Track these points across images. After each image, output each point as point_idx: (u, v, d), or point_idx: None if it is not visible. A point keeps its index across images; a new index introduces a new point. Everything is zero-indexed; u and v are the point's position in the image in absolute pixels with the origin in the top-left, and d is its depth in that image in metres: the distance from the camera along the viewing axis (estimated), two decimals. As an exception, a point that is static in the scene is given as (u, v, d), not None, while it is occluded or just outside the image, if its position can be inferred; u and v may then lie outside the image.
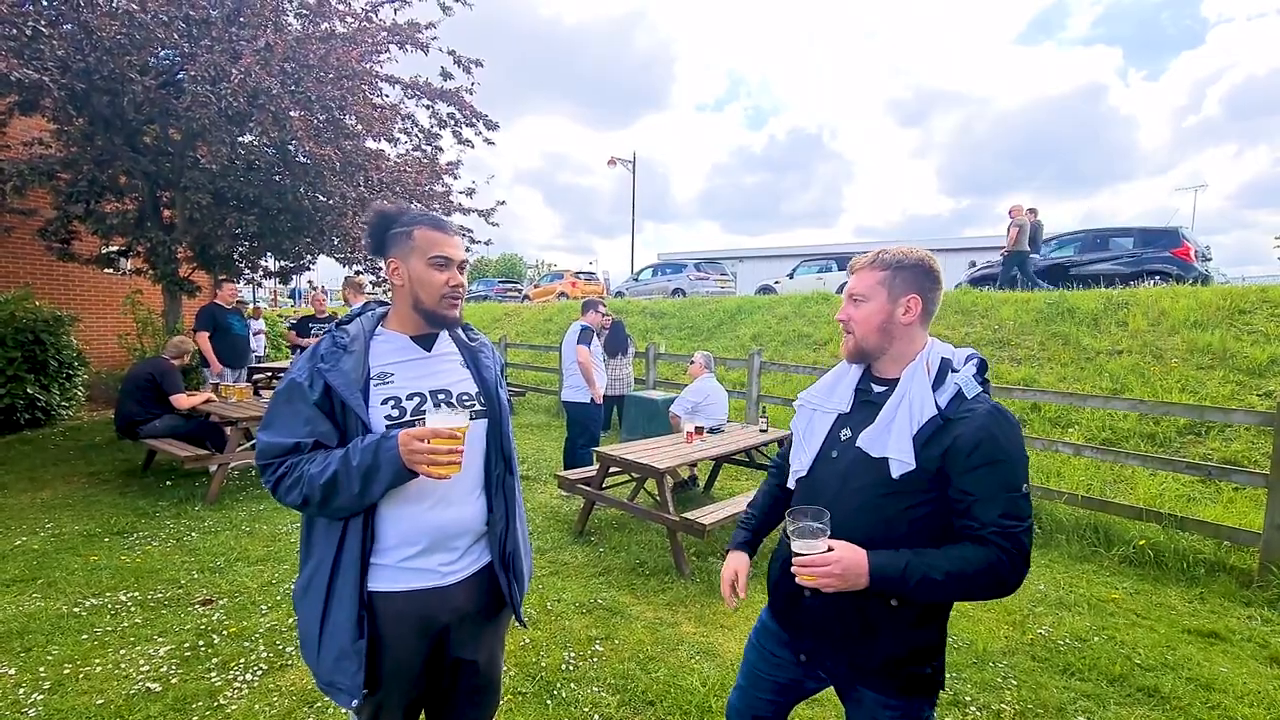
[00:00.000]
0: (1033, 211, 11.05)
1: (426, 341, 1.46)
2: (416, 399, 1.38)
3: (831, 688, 1.44)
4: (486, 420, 1.47)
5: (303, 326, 7.15)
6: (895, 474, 1.24)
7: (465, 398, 1.45)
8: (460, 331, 1.54)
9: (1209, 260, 10.16)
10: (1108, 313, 7.54)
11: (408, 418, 1.35)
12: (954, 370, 1.28)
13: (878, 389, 1.35)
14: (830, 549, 1.21)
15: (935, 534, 1.24)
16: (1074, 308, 7.80)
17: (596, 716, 2.40)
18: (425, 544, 1.36)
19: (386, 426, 1.33)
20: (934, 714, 1.36)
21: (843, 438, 1.35)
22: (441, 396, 1.42)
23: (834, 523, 1.24)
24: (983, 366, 1.30)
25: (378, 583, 1.34)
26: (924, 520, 1.24)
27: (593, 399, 5.30)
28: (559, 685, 2.59)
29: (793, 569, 1.24)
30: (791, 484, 1.46)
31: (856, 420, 1.34)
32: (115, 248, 8.02)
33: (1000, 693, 2.62)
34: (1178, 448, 5.35)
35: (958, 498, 1.21)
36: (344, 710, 1.36)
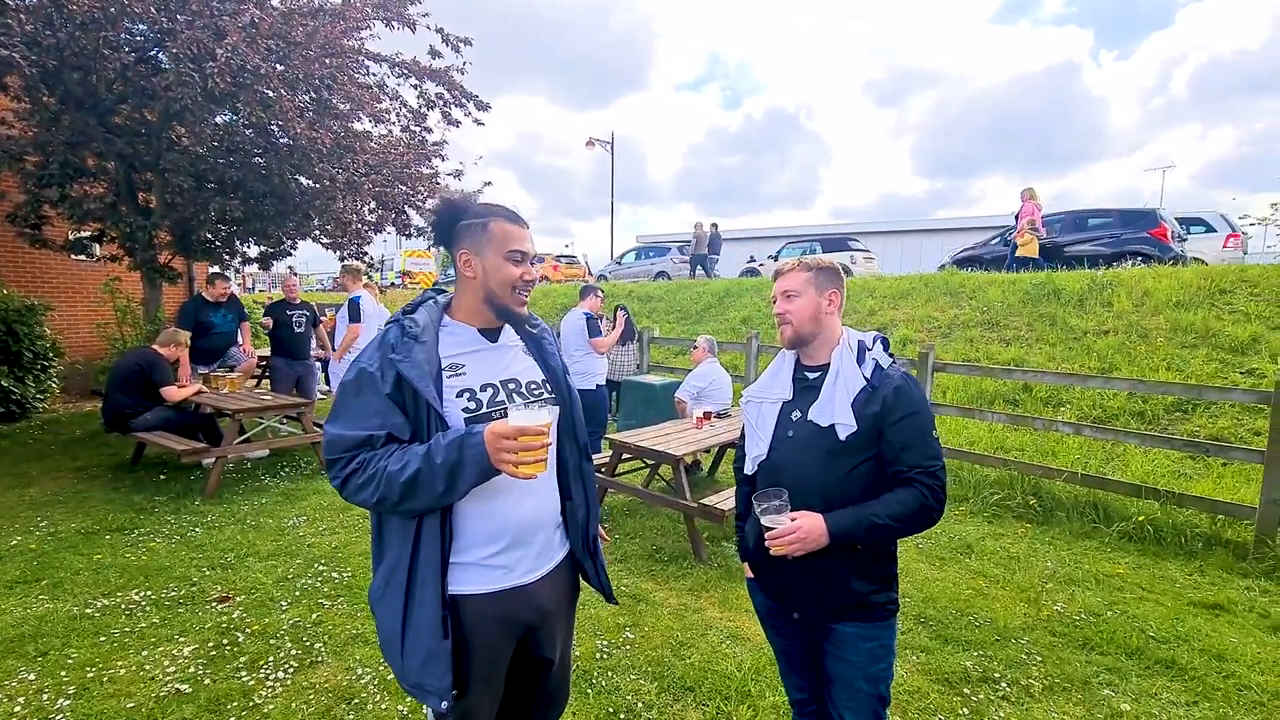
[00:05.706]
0: (715, 225, 15.39)
1: (492, 334, 1.43)
2: (490, 390, 1.35)
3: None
4: (557, 408, 1.44)
5: (278, 311, 6.59)
6: (842, 436, 1.47)
7: (534, 386, 1.43)
8: None
9: (1184, 240, 10.43)
10: (1092, 293, 7.68)
11: (484, 410, 1.32)
12: (868, 349, 1.55)
13: (812, 375, 1.58)
14: (794, 519, 1.43)
15: (881, 484, 1.49)
16: (1060, 289, 7.93)
17: (639, 704, 2.42)
18: (509, 540, 1.34)
19: (465, 421, 1.29)
20: (896, 632, 1.60)
21: (794, 419, 1.56)
22: (512, 386, 1.39)
23: (799, 488, 1.48)
24: (886, 343, 1.58)
25: (459, 583, 1.30)
26: (871, 474, 1.49)
27: (598, 384, 5.30)
28: (596, 674, 2.60)
29: (766, 543, 1.46)
30: (752, 469, 1.64)
31: (802, 403, 1.56)
32: (87, 233, 7.68)
33: (1026, 668, 2.69)
34: (1165, 425, 5.51)
35: (888, 448, 1.48)
36: (425, 712, 1.33)
